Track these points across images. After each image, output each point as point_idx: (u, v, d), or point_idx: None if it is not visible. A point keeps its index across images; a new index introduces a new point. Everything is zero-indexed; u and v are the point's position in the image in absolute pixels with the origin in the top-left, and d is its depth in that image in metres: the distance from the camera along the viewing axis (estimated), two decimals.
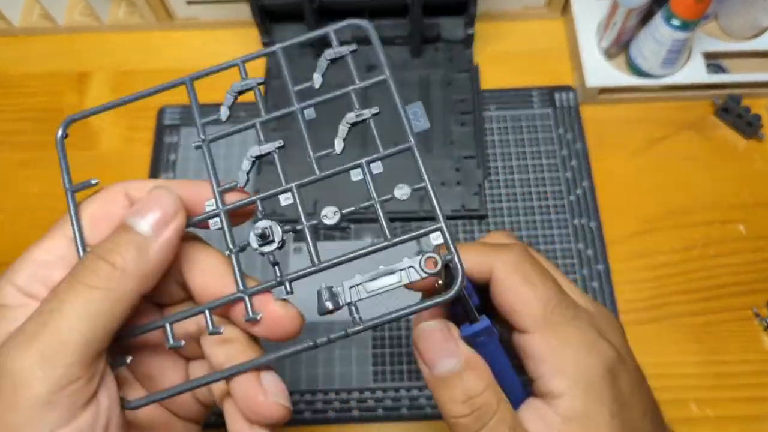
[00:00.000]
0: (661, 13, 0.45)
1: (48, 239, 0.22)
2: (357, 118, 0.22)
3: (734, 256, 0.45)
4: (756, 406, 0.41)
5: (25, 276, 0.21)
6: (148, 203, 0.22)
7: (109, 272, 0.20)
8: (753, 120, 0.48)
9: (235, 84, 0.24)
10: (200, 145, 0.24)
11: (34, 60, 0.55)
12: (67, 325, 0.19)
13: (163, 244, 0.21)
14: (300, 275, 0.22)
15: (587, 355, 0.22)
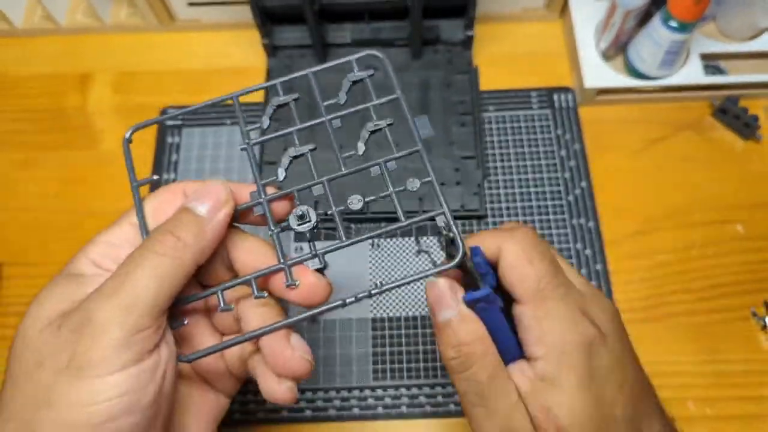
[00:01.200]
0: (659, 14, 0.45)
1: (117, 225, 0.27)
2: (375, 127, 0.28)
3: (732, 256, 0.46)
4: (754, 405, 0.41)
5: (98, 252, 0.26)
6: (204, 191, 0.26)
7: (174, 243, 0.24)
8: (751, 121, 0.48)
9: (275, 98, 0.29)
10: (245, 147, 0.29)
11: (36, 61, 0.55)
12: (141, 283, 0.23)
13: (216, 224, 0.26)
14: (331, 249, 0.26)
15: (567, 329, 0.25)
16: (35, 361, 0.23)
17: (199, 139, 0.51)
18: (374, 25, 0.52)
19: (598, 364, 0.25)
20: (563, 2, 0.53)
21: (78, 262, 0.26)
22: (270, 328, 0.26)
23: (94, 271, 0.26)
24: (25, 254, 0.48)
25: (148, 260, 0.24)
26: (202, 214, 0.26)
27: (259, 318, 0.27)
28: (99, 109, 0.53)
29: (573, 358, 0.25)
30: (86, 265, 0.26)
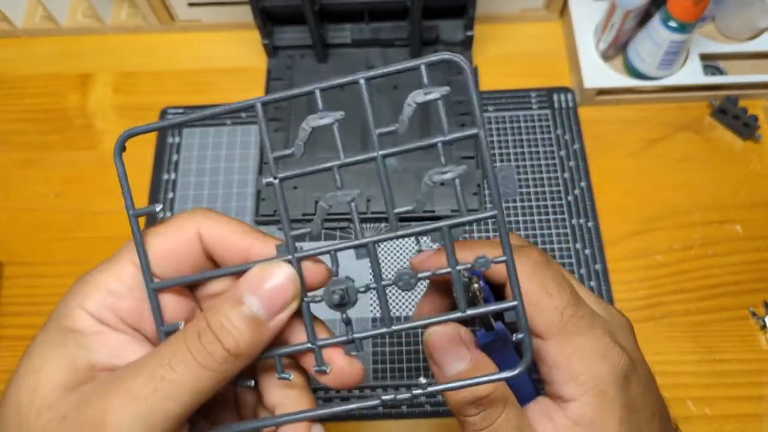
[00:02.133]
0: (659, 14, 0.45)
1: (116, 264, 0.22)
2: (441, 177, 0.21)
3: (731, 255, 0.46)
4: (753, 405, 0.41)
5: (95, 302, 0.21)
6: (267, 280, 0.21)
7: (223, 357, 0.20)
8: (750, 121, 0.48)
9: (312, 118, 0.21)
10: (272, 182, 0.22)
11: (37, 61, 0.56)
12: (176, 397, 0.19)
13: (275, 327, 0.21)
14: (370, 335, 0.22)
15: (600, 364, 0.22)
16: None
17: (200, 139, 0.51)
18: (374, 25, 0.52)
19: (633, 395, 0.23)
20: (563, 2, 0.54)
21: (71, 313, 0.21)
22: (293, 418, 0.22)
23: (94, 329, 0.21)
24: (25, 254, 0.48)
25: (190, 371, 0.20)
26: (260, 315, 0.21)
27: (281, 397, 0.23)
28: (99, 110, 0.53)
29: (611, 396, 0.22)
30: (84, 320, 0.21)
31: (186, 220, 0.23)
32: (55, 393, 0.20)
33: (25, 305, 0.46)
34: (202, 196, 0.49)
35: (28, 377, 0.20)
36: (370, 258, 0.22)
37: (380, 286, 0.22)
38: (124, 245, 0.23)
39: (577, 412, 0.22)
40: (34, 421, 0.19)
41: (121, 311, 0.22)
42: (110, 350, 0.21)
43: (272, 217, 0.47)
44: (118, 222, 0.48)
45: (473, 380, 0.21)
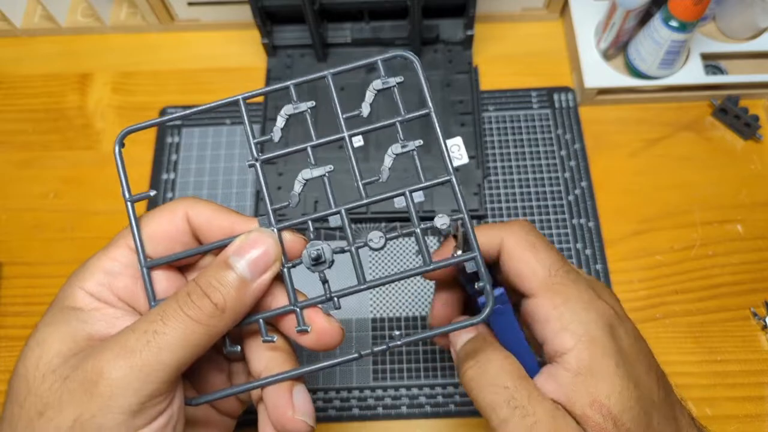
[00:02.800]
0: (660, 14, 0.45)
1: (113, 248, 0.24)
2: (402, 150, 0.24)
3: (732, 255, 0.46)
4: (754, 405, 0.41)
5: (94, 282, 0.24)
6: (251, 245, 0.23)
7: (212, 311, 0.22)
8: (751, 121, 0.48)
9: (287, 107, 0.24)
10: (254, 164, 0.25)
11: (36, 61, 0.55)
12: (168, 349, 0.21)
13: (259, 288, 0.23)
14: (347, 293, 0.24)
15: (587, 312, 0.24)
16: (37, 409, 0.21)
17: (199, 138, 0.51)
18: (374, 25, 0.52)
19: (624, 345, 0.24)
20: (563, 2, 0.53)
21: (73, 293, 0.23)
22: (276, 378, 0.24)
23: (93, 305, 0.23)
24: (24, 254, 0.48)
25: (181, 324, 0.21)
26: (245, 275, 0.23)
27: (265, 362, 0.25)
28: (99, 109, 0.53)
29: (603, 342, 0.23)
30: (83, 298, 0.23)
31: (175, 205, 0.25)
32: (57, 359, 0.21)
33: (24, 305, 0.46)
34: (202, 195, 0.49)
35: (33, 350, 0.22)
36: (342, 223, 0.24)
37: (353, 246, 0.24)
38: (119, 232, 0.25)
39: (574, 362, 0.23)
40: (39, 384, 0.21)
41: (117, 289, 0.24)
42: (107, 322, 0.23)
43: None
44: (118, 222, 0.48)
45: (448, 327, 0.24)
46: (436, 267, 0.24)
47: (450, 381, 0.42)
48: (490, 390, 0.24)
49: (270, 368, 0.25)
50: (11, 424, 0.21)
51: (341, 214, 0.24)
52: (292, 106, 0.24)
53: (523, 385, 0.23)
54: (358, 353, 0.24)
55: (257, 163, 0.24)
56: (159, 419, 0.21)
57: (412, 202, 0.24)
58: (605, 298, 0.25)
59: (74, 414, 0.20)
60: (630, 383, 0.23)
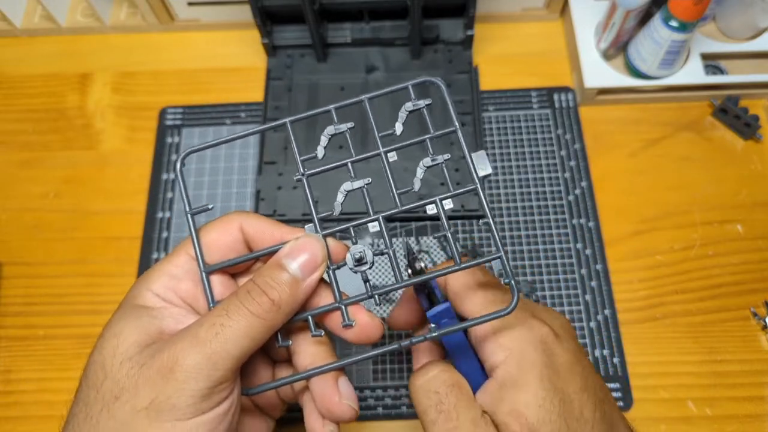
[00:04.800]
0: (660, 14, 0.45)
1: (175, 256, 0.27)
2: (432, 163, 0.27)
3: (732, 255, 0.46)
4: (754, 405, 0.41)
5: (159, 285, 0.26)
6: (301, 249, 0.26)
7: (270, 306, 0.24)
8: (751, 121, 0.48)
9: (329, 128, 0.27)
10: (300, 178, 0.27)
11: (36, 61, 0.55)
12: (233, 339, 0.23)
13: (309, 286, 0.26)
14: (387, 290, 0.26)
15: (520, 330, 0.26)
16: (113, 393, 0.23)
17: (199, 138, 0.51)
18: (374, 25, 0.52)
19: (557, 362, 0.25)
20: (563, 2, 0.53)
21: (141, 294, 0.26)
22: (326, 368, 0.27)
23: (160, 304, 0.26)
24: (24, 254, 0.48)
25: (243, 318, 0.24)
26: (297, 275, 0.25)
27: (312, 356, 0.28)
28: (99, 109, 0.53)
29: (531, 356, 0.25)
30: (151, 298, 0.26)
31: (230, 217, 0.27)
32: (134, 348, 0.24)
33: (24, 305, 0.46)
34: (202, 196, 0.49)
35: (110, 340, 0.24)
36: (380, 229, 0.26)
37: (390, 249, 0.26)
38: (182, 241, 0.28)
39: (502, 374, 0.25)
40: (117, 370, 0.23)
41: (180, 291, 0.26)
42: (174, 319, 0.26)
43: (271, 216, 0.47)
44: (117, 222, 0.49)
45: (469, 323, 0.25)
46: (466, 266, 0.25)
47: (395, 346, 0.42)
48: (424, 395, 0.26)
49: (315, 362, 0.27)
50: (87, 406, 0.23)
51: (379, 220, 0.26)
52: (333, 127, 0.27)
53: (453, 393, 0.25)
54: (399, 345, 0.26)
55: (304, 177, 0.27)
56: (223, 404, 0.24)
57: (442, 209, 0.26)
58: (542, 317, 0.27)
59: (150, 396, 0.22)
60: (555, 397, 0.24)
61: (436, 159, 0.27)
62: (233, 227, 0.27)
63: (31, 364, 0.44)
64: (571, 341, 0.27)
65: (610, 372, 0.42)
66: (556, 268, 0.46)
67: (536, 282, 0.45)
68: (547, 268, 0.46)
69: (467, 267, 0.25)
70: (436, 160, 0.27)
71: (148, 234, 0.48)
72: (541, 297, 0.45)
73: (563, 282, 0.45)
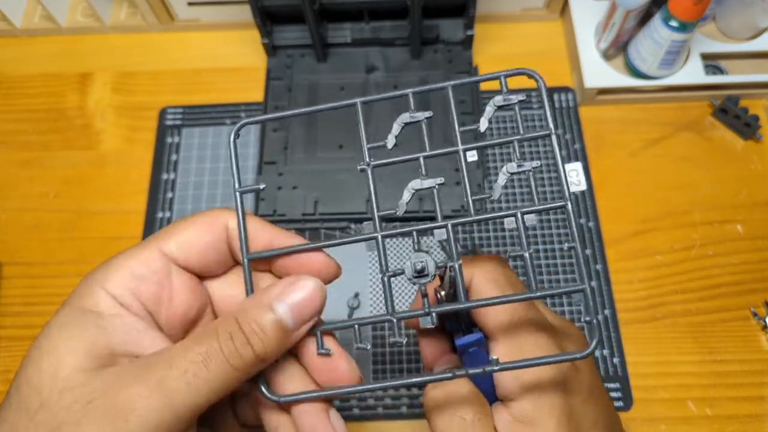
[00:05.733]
0: (660, 14, 0.45)
1: (142, 250, 0.23)
2: (518, 169, 0.24)
3: (732, 255, 0.46)
4: (754, 405, 0.41)
5: (117, 283, 0.22)
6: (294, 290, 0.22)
7: (253, 361, 0.21)
8: (751, 121, 0.48)
9: (404, 115, 0.24)
10: (365, 168, 0.24)
11: (36, 61, 0.55)
12: (206, 392, 0.20)
13: (299, 337, 0.23)
14: (445, 310, 0.23)
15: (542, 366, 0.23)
16: (50, 427, 0.19)
17: (199, 138, 0.51)
18: (374, 25, 0.52)
19: (574, 400, 0.24)
20: (563, 2, 0.53)
21: (93, 293, 0.22)
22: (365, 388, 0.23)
23: (114, 310, 0.22)
24: (24, 254, 0.48)
25: (222, 372, 0.21)
26: (287, 324, 0.22)
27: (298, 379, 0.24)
28: (98, 109, 0.53)
29: (551, 398, 0.23)
30: (105, 301, 0.22)
31: (215, 214, 0.24)
32: (78, 376, 0.20)
33: (23, 305, 0.46)
34: (201, 195, 0.49)
35: (48, 357, 0.20)
36: (447, 237, 0.23)
37: (457, 263, 0.23)
38: (153, 234, 0.23)
39: (518, 409, 0.23)
40: (56, 402, 0.20)
41: (142, 295, 0.22)
42: (128, 335, 0.22)
43: (271, 216, 0.47)
44: (117, 222, 0.49)
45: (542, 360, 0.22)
46: (543, 295, 0.23)
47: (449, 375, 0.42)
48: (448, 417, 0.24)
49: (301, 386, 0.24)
50: None
51: (447, 228, 0.24)
52: (409, 115, 0.24)
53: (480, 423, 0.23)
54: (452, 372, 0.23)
55: (368, 168, 0.24)
56: None
57: (523, 224, 0.23)
58: (565, 346, 0.25)
59: None
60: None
61: (523, 165, 0.23)
62: (218, 225, 0.24)
63: None
64: (588, 373, 0.25)
65: (610, 372, 0.42)
66: (556, 268, 0.46)
67: (536, 267, 0.45)
68: (547, 268, 0.46)
69: (541, 297, 0.22)
70: (523, 166, 0.23)
71: (148, 234, 0.48)
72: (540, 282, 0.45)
73: (563, 282, 0.45)
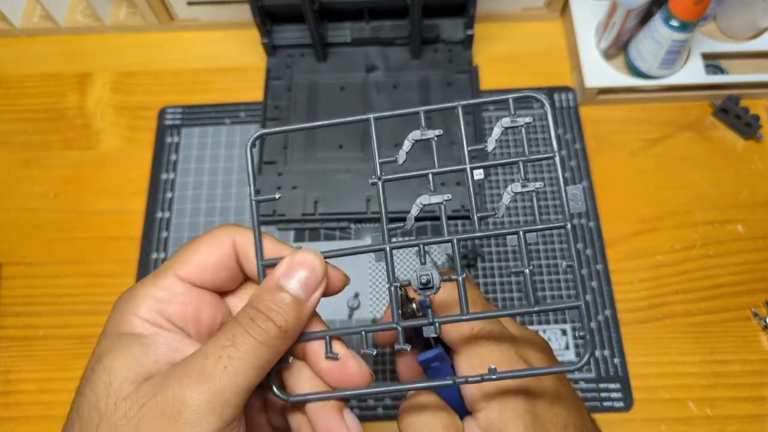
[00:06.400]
0: (660, 13, 0.45)
1: (161, 277, 0.25)
2: (522, 189, 0.25)
3: (732, 256, 0.45)
4: (754, 406, 0.41)
5: (146, 310, 0.24)
6: (299, 266, 0.24)
7: (277, 333, 0.23)
8: (751, 120, 0.48)
9: (415, 132, 0.25)
10: (376, 182, 0.25)
11: (36, 61, 0.55)
12: (243, 372, 0.22)
13: (312, 305, 0.24)
14: (449, 320, 0.24)
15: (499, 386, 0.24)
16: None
17: (199, 138, 0.51)
18: (374, 24, 0.52)
19: (540, 405, 0.25)
20: (564, 1, 0.53)
21: (128, 320, 0.24)
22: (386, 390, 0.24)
23: (151, 330, 0.24)
24: (24, 254, 0.48)
25: (251, 348, 0.22)
26: (299, 296, 0.24)
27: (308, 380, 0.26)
28: (98, 109, 0.53)
29: (514, 405, 0.24)
30: (141, 325, 0.24)
31: (221, 232, 0.26)
32: (128, 385, 0.21)
33: (23, 305, 0.46)
34: (201, 195, 0.49)
35: (101, 376, 0.22)
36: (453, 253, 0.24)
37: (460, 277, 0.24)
38: (168, 260, 0.25)
39: (485, 420, 0.24)
40: (113, 413, 0.21)
41: (169, 315, 0.24)
42: (169, 346, 0.23)
43: (270, 217, 0.47)
44: (117, 222, 0.48)
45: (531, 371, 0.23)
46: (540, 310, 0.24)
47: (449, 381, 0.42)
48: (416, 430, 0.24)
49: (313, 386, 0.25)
50: None
51: (453, 243, 0.25)
52: (419, 132, 0.25)
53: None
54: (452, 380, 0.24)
55: (379, 182, 0.25)
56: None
57: (524, 242, 0.24)
58: (529, 356, 0.26)
59: None
60: None
61: (527, 185, 0.25)
62: (225, 243, 0.25)
63: (30, 364, 0.44)
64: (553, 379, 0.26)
65: (610, 372, 0.42)
66: (556, 268, 0.45)
67: (537, 282, 0.45)
68: (547, 268, 0.46)
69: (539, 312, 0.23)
70: (527, 186, 0.25)
71: (148, 234, 0.48)
72: (542, 298, 0.45)
73: (563, 282, 0.45)
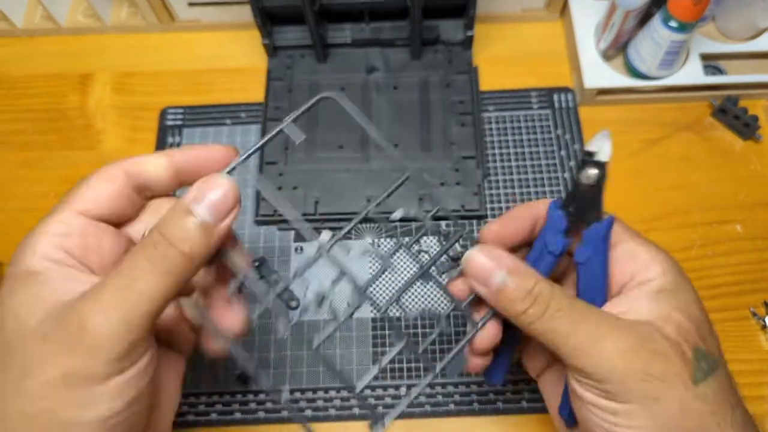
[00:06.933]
0: (659, 14, 0.45)
1: (59, 213, 0.25)
2: None
3: (732, 256, 0.46)
4: (754, 405, 0.41)
5: (45, 244, 0.24)
6: (208, 188, 0.24)
7: (181, 260, 0.23)
8: (750, 121, 0.48)
9: None
10: None
11: (37, 61, 0.55)
12: (147, 300, 0.22)
13: (222, 231, 0.24)
14: None
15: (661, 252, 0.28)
16: (21, 369, 0.22)
17: (200, 139, 0.51)
18: (374, 25, 0.52)
19: None
20: (563, 2, 0.53)
21: (26, 258, 0.24)
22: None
23: (47, 266, 0.24)
24: None
25: (153, 277, 0.22)
26: (207, 220, 0.23)
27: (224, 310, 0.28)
28: (99, 110, 0.53)
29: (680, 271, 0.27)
30: (38, 261, 0.24)
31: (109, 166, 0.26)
32: (32, 320, 0.22)
33: None
34: None
35: (7, 318, 0.23)
36: None
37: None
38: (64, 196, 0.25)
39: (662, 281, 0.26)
40: (21, 347, 0.22)
41: (70, 248, 0.24)
42: (67, 282, 0.23)
43: (271, 217, 0.47)
44: None
45: None
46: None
47: (449, 381, 0.42)
48: None
49: None
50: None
51: None
52: None
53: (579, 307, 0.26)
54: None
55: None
56: (143, 358, 0.23)
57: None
58: None
59: (62, 368, 0.21)
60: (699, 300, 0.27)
61: None
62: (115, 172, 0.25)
63: None
64: None
65: None
66: None
67: None
68: None
69: None
70: None
71: None
72: None
73: None
